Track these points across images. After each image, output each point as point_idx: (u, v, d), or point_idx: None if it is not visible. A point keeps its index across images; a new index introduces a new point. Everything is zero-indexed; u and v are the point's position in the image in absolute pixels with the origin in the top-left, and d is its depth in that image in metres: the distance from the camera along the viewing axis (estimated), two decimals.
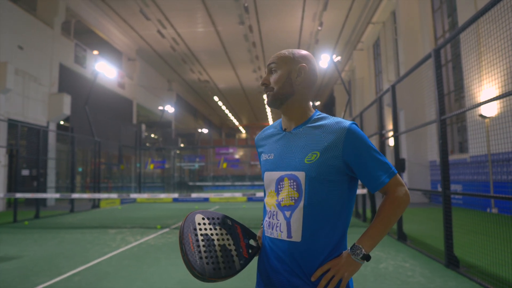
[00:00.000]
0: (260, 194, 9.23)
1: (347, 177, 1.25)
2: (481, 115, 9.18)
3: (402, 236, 6.24)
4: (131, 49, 24.69)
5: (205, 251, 1.21)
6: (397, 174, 1.25)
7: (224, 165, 22.46)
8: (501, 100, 6.36)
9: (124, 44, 23.73)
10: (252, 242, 1.35)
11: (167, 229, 8.14)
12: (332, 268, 1.19)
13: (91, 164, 16.21)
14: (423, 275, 4.21)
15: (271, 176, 1.32)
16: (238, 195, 10.06)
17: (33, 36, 14.82)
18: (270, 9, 18.87)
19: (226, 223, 1.33)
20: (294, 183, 1.25)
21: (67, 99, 15.85)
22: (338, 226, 1.24)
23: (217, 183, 29.59)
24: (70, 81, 17.43)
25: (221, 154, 27.82)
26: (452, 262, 4.40)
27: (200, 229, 1.26)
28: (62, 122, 18.01)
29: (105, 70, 15.22)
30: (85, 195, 10.73)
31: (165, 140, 28.94)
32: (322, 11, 18.43)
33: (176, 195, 10.14)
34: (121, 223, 9.31)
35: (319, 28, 20.17)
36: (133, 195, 10.26)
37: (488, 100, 3.69)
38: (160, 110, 27.94)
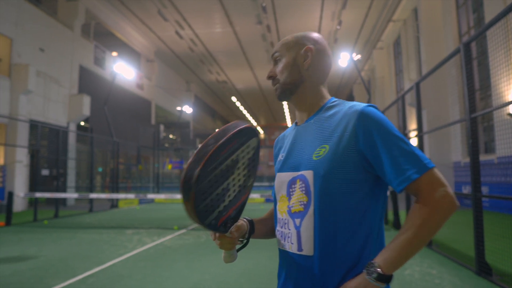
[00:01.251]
0: None
1: (370, 175, 1.00)
2: (509, 114, 8.75)
3: None
4: (150, 51, 24.89)
5: (213, 176, 0.92)
6: (434, 169, 0.94)
7: None
8: None
9: (143, 46, 23.94)
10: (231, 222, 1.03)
11: (184, 230, 8.05)
12: None
13: (110, 164, 16.36)
14: (452, 283, 3.95)
15: (281, 178, 1.13)
16: (256, 196, 9.93)
17: (53, 38, 15.07)
18: (288, 8, 18.67)
19: (252, 175, 1.05)
20: (303, 185, 1.04)
21: (86, 100, 16.07)
22: (359, 235, 0.99)
23: None
24: (89, 82, 17.67)
25: None
26: (483, 269, 4.12)
27: (243, 151, 0.98)
28: (82, 123, 18.27)
29: (124, 71, 15.35)
30: (103, 195, 10.79)
31: (183, 141, 29.11)
32: (341, 9, 18.10)
33: None
34: (138, 224, 9.29)
35: (338, 27, 19.83)
36: (151, 196, 10.25)
37: None
38: (178, 110, 28.12)
